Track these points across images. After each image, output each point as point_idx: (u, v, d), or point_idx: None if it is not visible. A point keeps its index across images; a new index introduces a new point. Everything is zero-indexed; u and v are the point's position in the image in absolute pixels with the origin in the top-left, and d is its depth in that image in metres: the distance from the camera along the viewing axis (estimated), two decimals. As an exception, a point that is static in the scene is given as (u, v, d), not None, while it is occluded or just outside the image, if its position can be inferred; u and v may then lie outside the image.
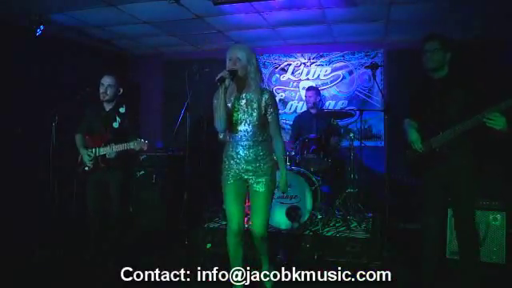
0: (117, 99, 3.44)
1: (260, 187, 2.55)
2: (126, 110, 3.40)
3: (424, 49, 2.73)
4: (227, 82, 2.40)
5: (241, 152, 2.54)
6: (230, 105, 2.53)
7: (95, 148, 3.36)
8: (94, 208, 3.41)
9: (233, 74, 2.43)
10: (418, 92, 2.90)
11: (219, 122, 2.47)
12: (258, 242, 2.64)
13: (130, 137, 3.29)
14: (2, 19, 4.26)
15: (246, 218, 4.27)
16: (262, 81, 2.67)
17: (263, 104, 2.52)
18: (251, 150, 2.53)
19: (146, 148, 3.23)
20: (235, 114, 2.52)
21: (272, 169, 2.61)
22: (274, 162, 2.66)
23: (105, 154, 3.31)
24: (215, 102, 2.52)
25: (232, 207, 2.59)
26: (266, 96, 2.53)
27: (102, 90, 3.37)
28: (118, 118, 3.35)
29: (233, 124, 2.53)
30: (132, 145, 3.22)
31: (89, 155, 3.35)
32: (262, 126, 2.55)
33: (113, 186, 3.38)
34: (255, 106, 2.51)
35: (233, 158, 2.57)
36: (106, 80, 3.38)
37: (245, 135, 2.53)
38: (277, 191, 2.83)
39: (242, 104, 2.53)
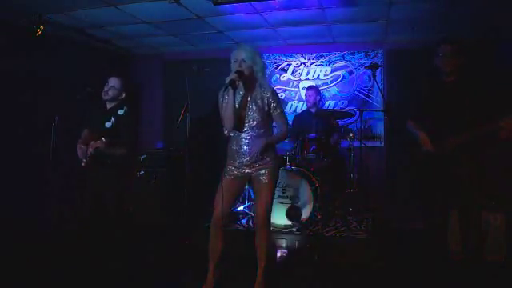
0: (119, 101, 3.44)
1: (263, 179, 2.64)
2: (124, 112, 3.33)
3: (439, 52, 2.71)
4: (237, 83, 2.51)
5: (244, 146, 2.63)
6: (236, 103, 2.62)
7: (88, 145, 3.35)
8: (91, 208, 3.40)
9: (240, 75, 2.51)
10: (429, 94, 2.88)
11: (228, 121, 2.56)
12: (260, 225, 2.68)
13: (122, 140, 3.25)
14: (2, 19, 4.26)
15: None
16: (266, 78, 2.74)
17: (266, 101, 2.62)
18: (254, 143, 2.61)
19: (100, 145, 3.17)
20: (241, 112, 2.61)
21: (274, 161, 2.70)
22: (276, 155, 2.74)
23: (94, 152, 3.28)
24: (221, 100, 2.59)
25: (223, 198, 2.63)
26: (269, 93, 2.63)
27: (105, 88, 3.39)
28: (112, 119, 3.30)
29: (238, 121, 2.62)
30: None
31: (83, 152, 3.35)
32: (265, 121, 2.65)
33: (105, 185, 3.37)
34: (259, 103, 2.62)
35: (237, 153, 2.66)
36: (112, 81, 3.39)
37: (248, 130, 2.63)
38: (277, 191, 2.87)
39: (248, 102, 2.63)
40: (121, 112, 3.32)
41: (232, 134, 2.70)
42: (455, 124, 2.65)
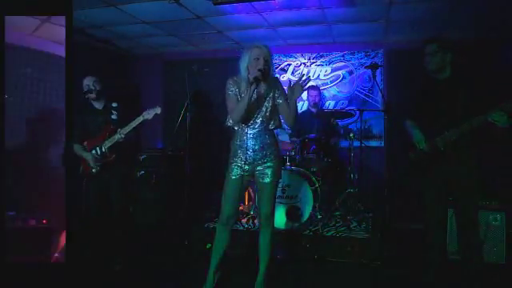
0: (105, 97, 3.48)
1: (266, 178, 2.69)
2: (118, 104, 3.48)
3: (424, 52, 2.75)
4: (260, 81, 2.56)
5: (248, 141, 2.67)
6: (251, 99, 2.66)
7: (99, 145, 3.36)
8: (98, 210, 3.41)
9: (264, 74, 2.56)
10: (422, 92, 2.90)
11: (238, 115, 2.58)
12: (264, 224, 2.76)
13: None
14: (2, 19, 4.26)
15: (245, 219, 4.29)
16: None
17: (272, 95, 2.69)
18: (258, 139, 2.68)
19: (159, 111, 3.24)
20: (251, 107, 2.62)
21: (277, 159, 2.75)
22: (279, 153, 2.80)
23: (112, 146, 3.32)
24: (229, 93, 2.67)
25: (229, 198, 2.73)
26: (275, 83, 2.73)
27: (89, 89, 3.39)
28: (113, 112, 3.42)
29: (247, 115, 2.64)
30: (141, 118, 3.26)
31: (95, 157, 3.35)
32: (271, 116, 2.70)
33: (115, 181, 3.39)
34: (267, 97, 2.69)
35: (240, 148, 2.69)
36: (90, 79, 3.42)
37: (253, 125, 2.68)
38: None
39: (257, 97, 2.66)
40: (115, 105, 3.45)
41: (236, 128, 2.73)
42: (448, 122, 2.66)
